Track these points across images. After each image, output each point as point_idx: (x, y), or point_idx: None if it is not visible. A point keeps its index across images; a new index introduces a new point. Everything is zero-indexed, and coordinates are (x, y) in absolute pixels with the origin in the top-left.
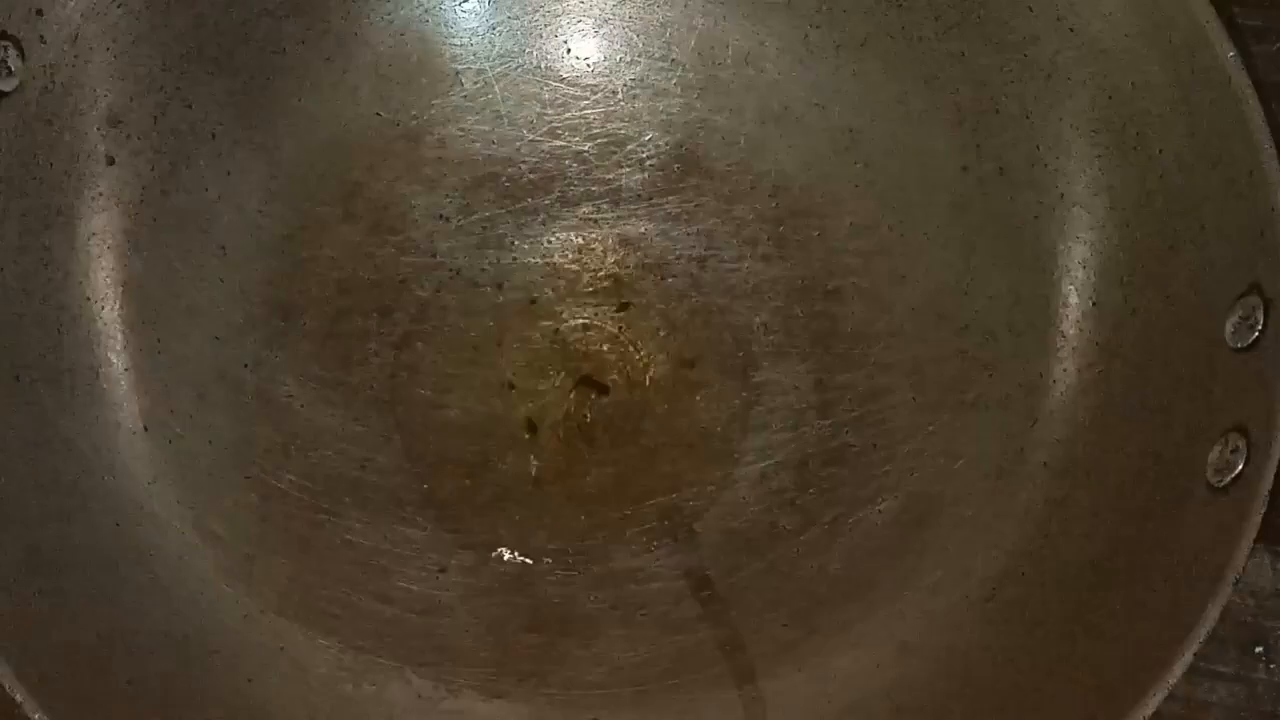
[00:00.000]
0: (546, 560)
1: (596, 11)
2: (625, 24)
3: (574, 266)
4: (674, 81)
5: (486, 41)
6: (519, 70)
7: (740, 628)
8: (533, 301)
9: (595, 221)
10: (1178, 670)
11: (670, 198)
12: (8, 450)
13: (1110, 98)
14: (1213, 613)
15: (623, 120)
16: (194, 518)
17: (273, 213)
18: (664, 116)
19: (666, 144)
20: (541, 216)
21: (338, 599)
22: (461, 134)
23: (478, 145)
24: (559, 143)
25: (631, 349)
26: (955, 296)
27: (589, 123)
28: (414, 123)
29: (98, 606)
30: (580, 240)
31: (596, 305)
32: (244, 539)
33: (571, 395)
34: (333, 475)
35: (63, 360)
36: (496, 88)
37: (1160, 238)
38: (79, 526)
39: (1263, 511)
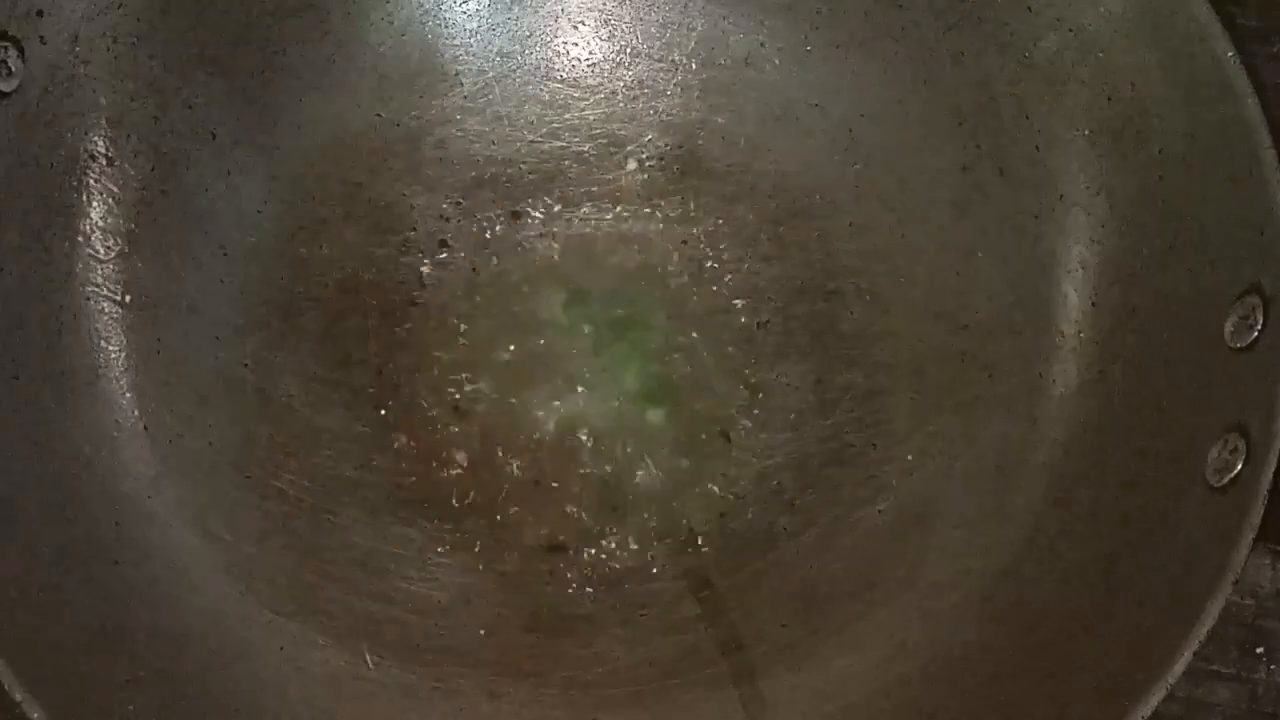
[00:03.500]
0: (546, 560)
1: (596, 12)
2: (625, 25)
3: (575, 268)
4: (674, 82)
5: (486, 42)
6: (519, 71)
7: (740, 628)
8: (535, 302)
9: (595, 222)
10: (1177, 670)
11: (670, 198)
12: (8, 450)
13: (1110, 98)
14: (1212, 612)
15: (623, 121)
16: (194, 518)
17: (273, 213)
18: (664, 117)
19: (666, 144)
20: (542, 217)
21: (338, 599)
22: (462, 135)
23: (478, 146)
24: (559, 143)
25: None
26: (955, 296)
27: (589, 123)
28: (414, 123)
29: (98, 606)
30: (580, 241)
31: (597, 305)
32: (244, 539)
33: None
34: (333, 475)
35: (63, 360)
36: (497, 88)
37: (1160, 238)
38: (79, 526)
39: (1262, 511)
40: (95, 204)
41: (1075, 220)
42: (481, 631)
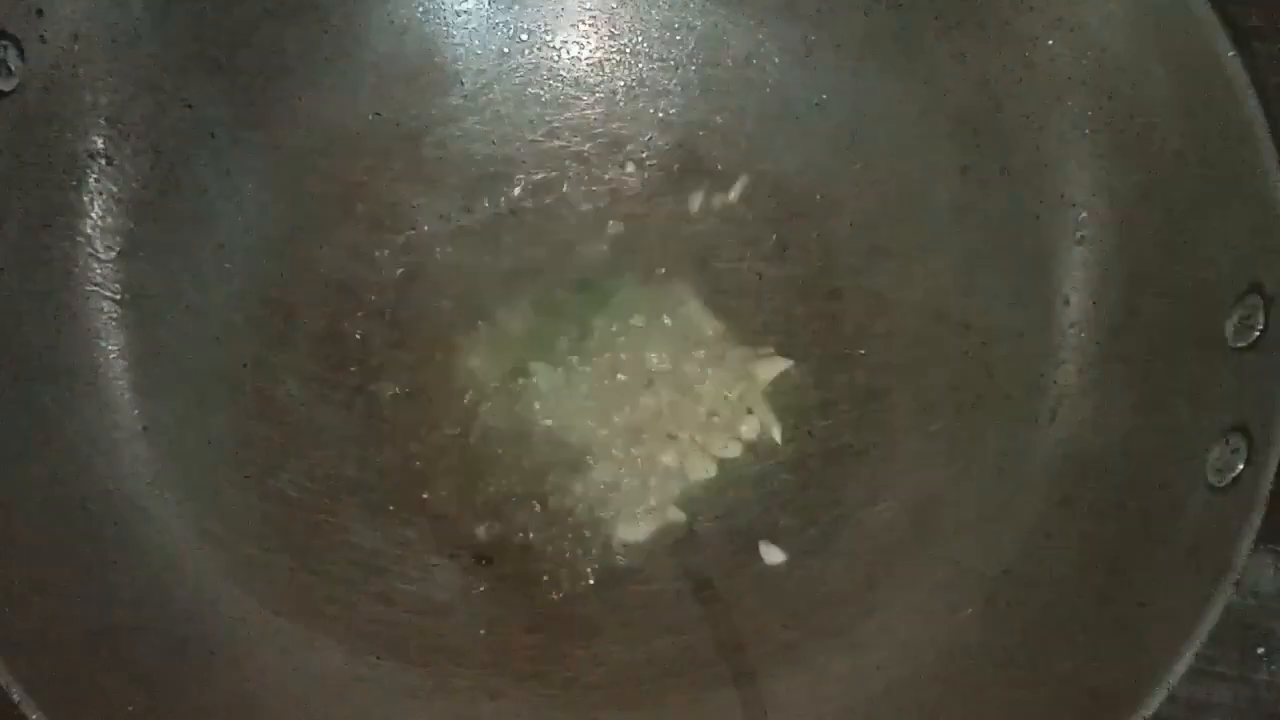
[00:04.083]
0: (546, 560)
1: (596, 12)
2: (625, 24)
3: (575, 267)
4: (674, 81)
5: (486, 42)
6: (519, 70)
7: (740, 628)
8: (534, 301)
9: (596, 221)
10: (1178, 671)
11: (670, 198)
12: (8, 450)
13: (1110, 98)
14: (1213, 613)
15: (623, 120)
16: (194, 518)
17: (273, 213)
18: (664, 116)
19: (666, 144)
20: (542, 216)
21: (338, 599)
22: (462, 134)
23: (478, 145)
24: (559, 143)
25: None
26: (955, 296)
27: (589, 123)
28: (414, 123)
29: (97, 606)
30: (581, 240)
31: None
32: (244, 539)
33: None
34: (333, 475)
35: (63, 360)
36: (496, 88)
37: (1160, 238)
38: (78, 526)
39: (1263, 512)
40: (95, 204)
41: (1075, 220)
42: (481, 631)
